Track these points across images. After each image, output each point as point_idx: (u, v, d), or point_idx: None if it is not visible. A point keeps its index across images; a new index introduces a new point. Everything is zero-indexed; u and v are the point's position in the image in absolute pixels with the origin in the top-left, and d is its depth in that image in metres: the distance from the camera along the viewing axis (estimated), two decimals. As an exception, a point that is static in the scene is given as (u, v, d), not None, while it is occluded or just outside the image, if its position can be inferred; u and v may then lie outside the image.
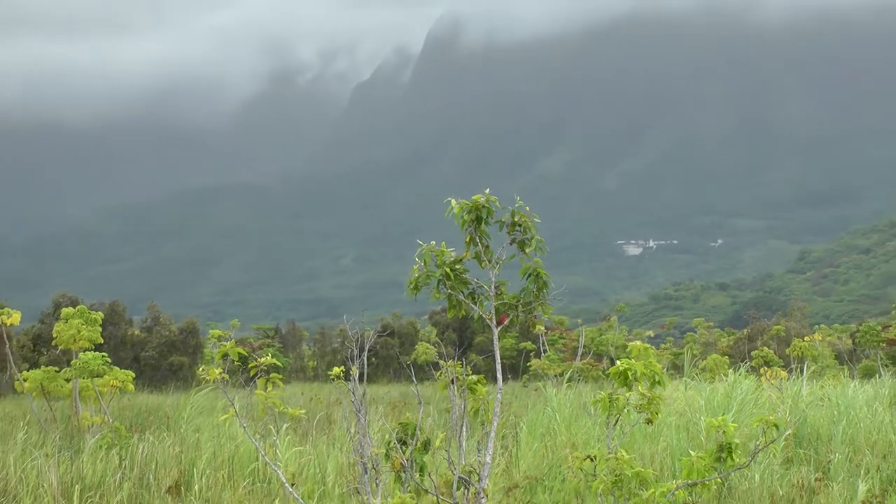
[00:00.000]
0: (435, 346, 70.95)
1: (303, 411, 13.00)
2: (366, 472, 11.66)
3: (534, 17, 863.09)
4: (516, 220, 12.15)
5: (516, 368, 68.95)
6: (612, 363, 12.25)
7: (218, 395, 32.05)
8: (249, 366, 12.42)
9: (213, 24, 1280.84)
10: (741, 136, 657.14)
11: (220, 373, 12.53)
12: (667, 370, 48.28)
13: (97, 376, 29.72)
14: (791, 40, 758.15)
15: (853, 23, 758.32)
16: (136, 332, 68.55)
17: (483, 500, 11.38)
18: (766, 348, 65.52)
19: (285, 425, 23.04)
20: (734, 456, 11.44)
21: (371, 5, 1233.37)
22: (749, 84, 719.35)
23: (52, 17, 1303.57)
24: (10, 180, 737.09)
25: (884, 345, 66.65)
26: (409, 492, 11.49)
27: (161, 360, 66.42)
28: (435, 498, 11.36)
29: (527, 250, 12.18)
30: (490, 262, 12.18)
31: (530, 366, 61.41)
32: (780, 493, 18.43)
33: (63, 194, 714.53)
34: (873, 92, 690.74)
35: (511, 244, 12.18)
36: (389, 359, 72.73)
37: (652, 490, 11.23)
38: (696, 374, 34.77)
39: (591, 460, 11.79)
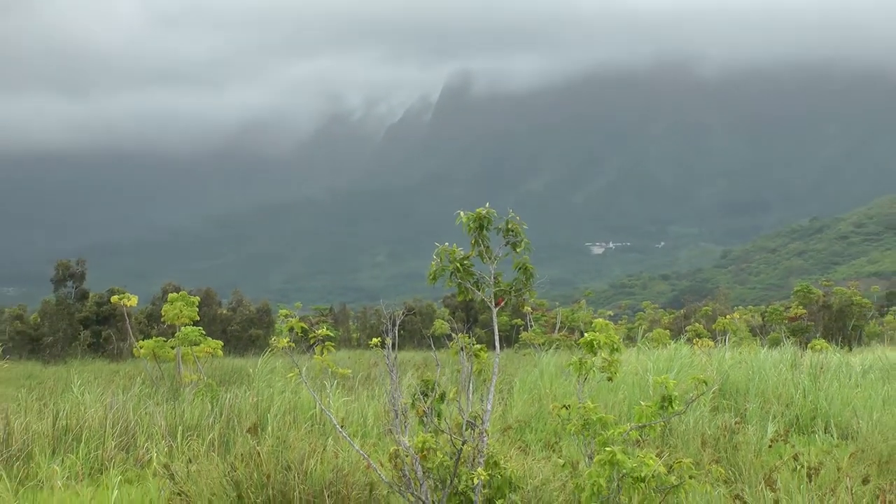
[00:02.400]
0: (448, 322, 70.98)
1: (349, 371, 13.00)
2: (397, 417, 11.68)
3: (524, 74, 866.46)
4: (509, 226, 12.15)
5: (510, 339, 68.95)
6: (582, 335, 12.24)
7: (285, 359, 32.10)
8: (309, 336, 12.42)
9: (284, 77, 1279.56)
10: (680, 163, 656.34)
11: (287, 342, 12.55)
12: (623, 341, 48.22)
13: (195, 345, 29.83)
14: (720, 90, 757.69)
15: (769, 76, 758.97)
16: (224, 311, 68.74)
17: (485, 438, 11.40)
18: (697, 324, 65.55)
19: (336, 382, 23.06)
20: (674, 405, 11.44)
21: (402, 65, 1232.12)
22: (687, 123, 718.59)
23: (163, 72, 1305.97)
24: (128, 196, 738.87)
25: (786, 321, 66.71)
26: (430, 432, 11.51)
27: (243, 332, 66.56)
28: (449, 436, 11.37)
29: (517, 250, 12.19)
30: (490, 258, 12.19)
31: (520, 337, 61.47)
32: (709, 433, 18.43)
33: (167, 207, 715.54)
34: (781, 129, 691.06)
35: (506, 245, 12.19)
36: (414, 332, 72.77)
37: (612, 431, 11.24)
38: (645, 344, 34.76)
39: (566, 408, 11.79)
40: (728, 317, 67.09)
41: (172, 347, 30.79)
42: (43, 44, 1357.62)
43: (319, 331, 12.32)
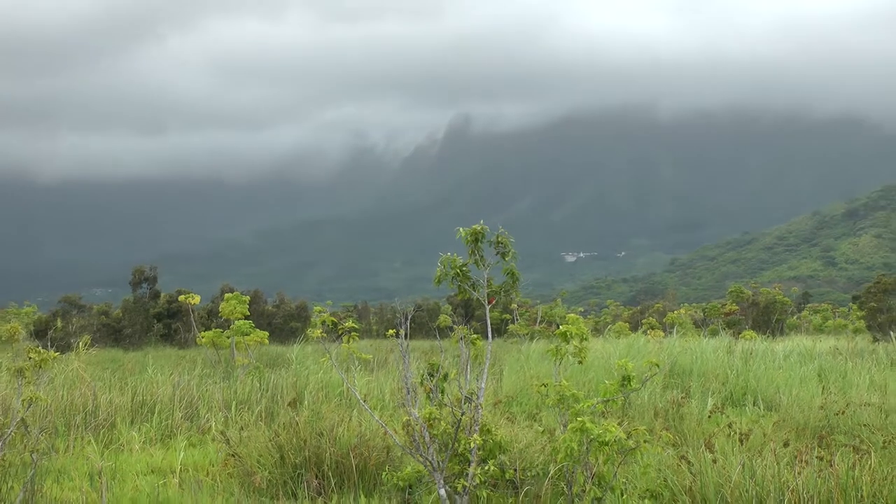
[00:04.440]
0: (450, 317, 70.94)
1: (370, 356, 12.99)
2: (408, 393, 11.69)
3: (514, 116, 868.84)
4: (499, 240, 12.15)
5: (500, 330, 68.80)
6: (558, 327, 12.25)
7: (319, 347, 32.08)
8: (338, 328, 12.43)
9: (320, 120, 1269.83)
10: (638, 189, 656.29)
11: (321, 333, 12.54)
12: (591, 332, 48.18)
13: (246, 335, 29.83)
14: (671, 129, 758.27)
15: (709, 119, 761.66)
16: (270, 308, 68.59)
17: (480, 410, 11.40)
18: (651, 318, 65.54)
19: (359, 365, 23.06)
20: (632, 383, 11.43)
21: (415, 109, 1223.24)
22: (644, 157, 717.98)
23: (224, 115, 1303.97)
24: (194, 215, 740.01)
25: (722, 316, 66.66)
26: (435, 405, 11.52)
27: (285, 325, 66.42)
28: (450, 409, 11.38)
29: (506, 258, 12.18)
30: (483, 265, 12.19)
31: (508, 328, 61.42)
32: (660, 406, 18.42)
33: (225, 223, 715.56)
34: (718, 162, 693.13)
35: (496, 255, 12.19)
36: (422, 324, 72.67)
37: (582, 404, 11.24)
38: (609, 334, 34.72)
39: (545, 386, 11.79)
40: (676, 312, 67.09)
41: (228, 337, 30.78)
42: (127, 90, 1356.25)
43: (346, 324, 12.33)
